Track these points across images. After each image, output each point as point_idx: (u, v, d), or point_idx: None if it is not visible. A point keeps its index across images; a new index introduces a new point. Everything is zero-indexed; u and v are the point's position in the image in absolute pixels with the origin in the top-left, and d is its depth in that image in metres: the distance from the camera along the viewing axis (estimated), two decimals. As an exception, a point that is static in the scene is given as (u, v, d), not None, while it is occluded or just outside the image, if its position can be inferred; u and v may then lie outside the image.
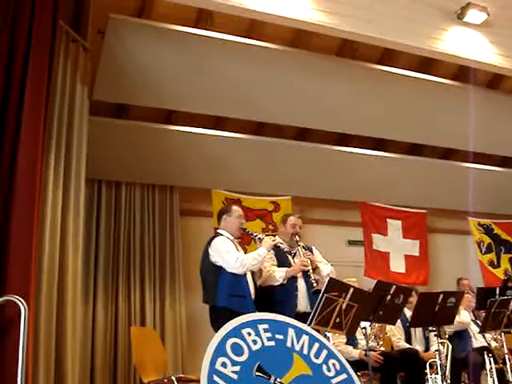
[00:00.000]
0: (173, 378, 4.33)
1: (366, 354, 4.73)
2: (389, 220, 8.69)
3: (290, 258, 4.75)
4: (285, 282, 4.60)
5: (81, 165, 4.80)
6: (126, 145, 6.51)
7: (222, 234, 4.60)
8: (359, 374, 4.66)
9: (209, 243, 4.49)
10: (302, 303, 4.58)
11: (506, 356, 5.32)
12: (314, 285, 4.46)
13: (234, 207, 4.81)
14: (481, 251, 9.20)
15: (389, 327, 5.84)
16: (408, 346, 5.91)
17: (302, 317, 3.84)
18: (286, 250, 4.65)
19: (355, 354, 5.35)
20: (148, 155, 6.66)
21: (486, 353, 5.55)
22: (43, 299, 4.03)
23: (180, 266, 7.06)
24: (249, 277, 4.44)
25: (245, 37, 5.78)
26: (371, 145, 7.83)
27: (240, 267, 4.29)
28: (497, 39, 5.98)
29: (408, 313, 5.83)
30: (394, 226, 8.71)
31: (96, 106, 5.85)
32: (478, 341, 6.27)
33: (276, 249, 4.67)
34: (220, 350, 2.78)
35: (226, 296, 4.26)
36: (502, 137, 7.57)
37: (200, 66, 5.79)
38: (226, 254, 4.36)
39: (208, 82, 5.99)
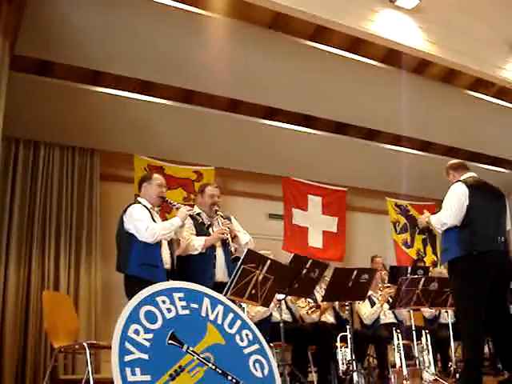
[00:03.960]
0: (84, 344, 4.29)
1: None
2: (310, 196, 8.84)
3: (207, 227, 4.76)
4: (204, 251, 4.62)
5: (-3, 120, 4.59)
6: (48, 103, 6.27)
7: (140, 202, 4.55)
8: (271, 344, 4.75)
9: (125, 211, 4.43)
10: (220, 273, 4.62)
11: (413, 332, 5.56)
12: (233, 251, 4.51)
13: (155, 175, 4.74)
14: (396, 231, 9.53)
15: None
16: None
17: (220, 286, 3.84)
18: (201, 221, 4.64)
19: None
20: (70, 115, 6.45)
21: (394, 328, 5.78)
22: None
23: (97, 232, 6.95)
24: (164, 246, 4.41)
25: (182, 2, 5.64)
26: (299, 121, 7.86)
27: (149, 237, 4.25)
28: (426, 25, 6.10)
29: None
30: (315, 202, 8.87)
31: (19, 61, 5.59)
32: (387, 317, 6.52)
33: (193, 219, 4.66)
34: (133, 317, 2.75)
35: (136, 264, 4.22)
36: (426, 122, 7.77)
37: (131, 27, 5.60)
38: (138, 222, 4.30)
39: (138, 44, 5.80)
